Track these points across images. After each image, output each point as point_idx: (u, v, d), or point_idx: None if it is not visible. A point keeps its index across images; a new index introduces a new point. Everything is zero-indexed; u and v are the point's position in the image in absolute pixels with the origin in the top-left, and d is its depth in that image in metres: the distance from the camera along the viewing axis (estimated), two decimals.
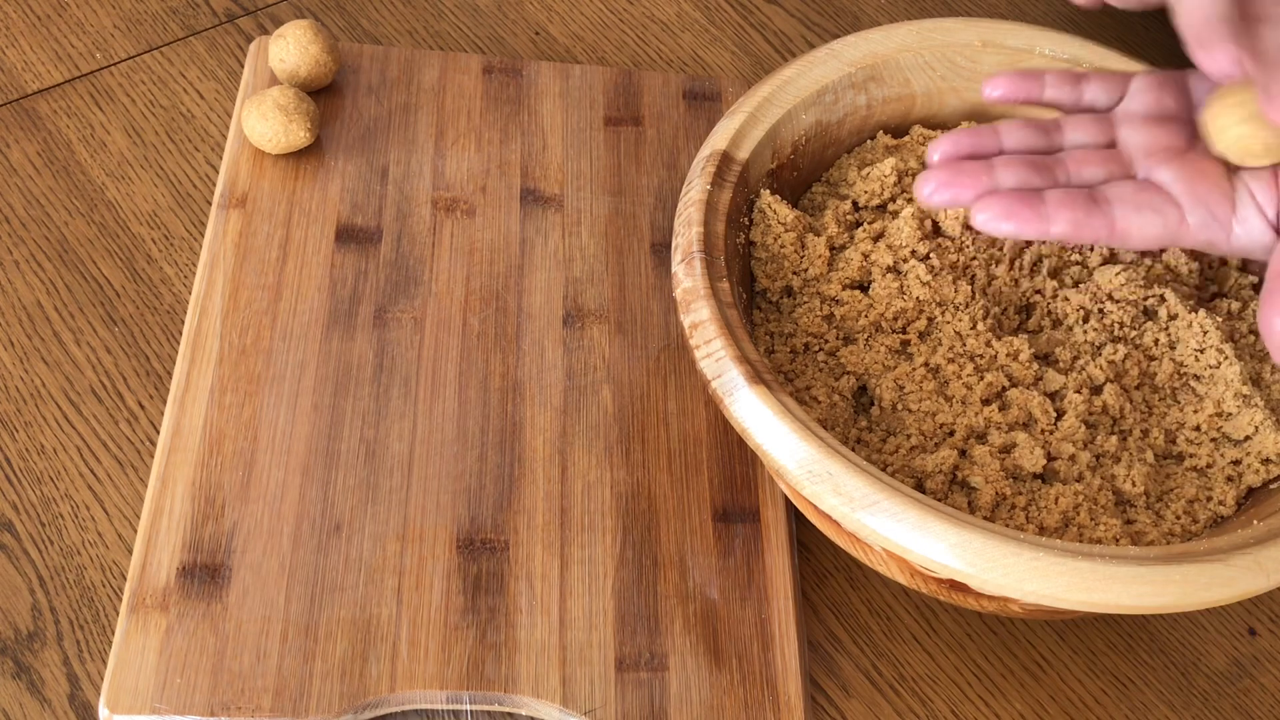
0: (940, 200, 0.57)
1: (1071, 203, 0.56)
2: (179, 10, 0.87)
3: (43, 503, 0.68)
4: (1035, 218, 0.55)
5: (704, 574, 0.66)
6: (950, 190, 0.57)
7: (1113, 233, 0.56)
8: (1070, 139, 0.60)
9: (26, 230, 0.76)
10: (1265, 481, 0.65)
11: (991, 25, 0.74)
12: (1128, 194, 0.56)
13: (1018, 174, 0.57)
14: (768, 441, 0.59)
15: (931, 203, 0.57)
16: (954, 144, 0.59)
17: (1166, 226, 0.56)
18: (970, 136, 0.59)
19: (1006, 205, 0.55)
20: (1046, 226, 0.55)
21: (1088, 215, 0.56)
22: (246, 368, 0.69)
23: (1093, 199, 0.56)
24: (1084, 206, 0.56)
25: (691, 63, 0.88)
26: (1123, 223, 0.56)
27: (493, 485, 0.67)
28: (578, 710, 0.61)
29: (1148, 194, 0.57)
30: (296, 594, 0.63)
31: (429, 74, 0.82)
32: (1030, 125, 0.60)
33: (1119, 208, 0.56)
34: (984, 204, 0.56)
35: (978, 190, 0.57)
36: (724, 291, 0.63)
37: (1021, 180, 0.57)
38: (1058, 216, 0.55)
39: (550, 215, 0.77)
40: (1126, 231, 0.56)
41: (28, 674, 0.63)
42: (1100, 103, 0.61)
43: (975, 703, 0.66)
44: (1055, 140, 0.60)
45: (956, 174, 0.57)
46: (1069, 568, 0.56)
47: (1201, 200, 0.56)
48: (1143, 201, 0.56)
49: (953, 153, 0.59)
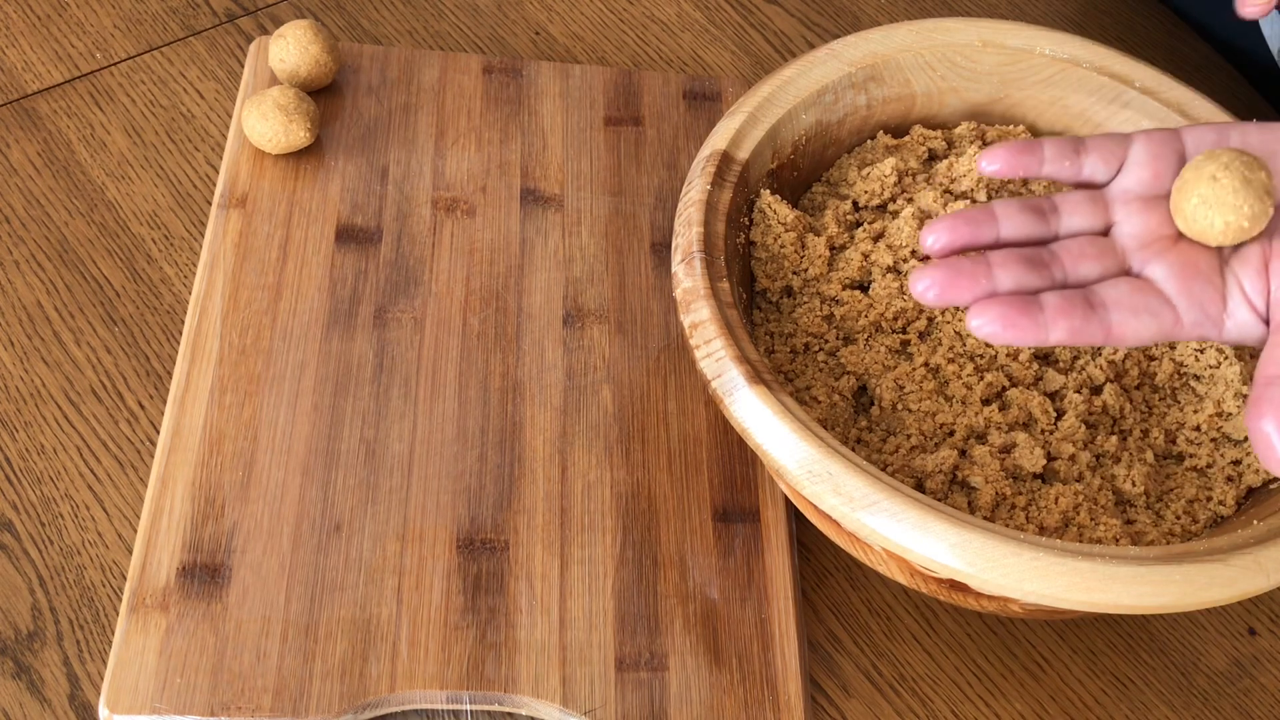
0: (935, 302, 0.57)
1: (1069, 310, 0.56)
2: (179, 10, 0.87)
3: (43, 503, 0.68)
4: (1033, 326, 0.55)
5: (704, 574, 0.66)
6: (947, 293, 0.57)
7: (1109, 336, 0.56)
8: (1066, 224, 0.59)
9: (26, 230, 0.76)
10: (1265, 481, 0.65)
11: (991, 25, 0.74)
12: (1124, 297, 0.56)
13: (1015, 275, 0.57)
14: (768, 441, 0.59)
15: (926, 302, 0.57)
16: (951, 233, 0.58)
17: (1161, 327, 0.57)
18: (967, 225, 0.58)
19: (1004, 313, 0.55)
20: (1045, 335, 0.55)
21: (1085, 322, 0.56)
22: (246, 368, 0.69)
23: (1089, 304, 0.56)
24: (1081, 313, 0.56)
25: (691, 63, 0.88)
26: (1119, 328, 0.56)
27: (493, 485, 0.67)
28: (578, 710, 0.61)
29: (1143, 296, 0.57)
30: (296, 594, 0.63)
31: (429, 74, 0.82)
32: (1027, 209, 0.59)
33: (1115, 313, 0.56)
34: (981, 310, 0.55)
35: (975, 293, 0.56)
36: (724, 291, 0.63)
37: (1018, 281, 0.57)
38: (1055, 325, 0.55)
39: (550, 215, 0.77)
40: (1123, 335, 0.56)
41: (28, 674, 0.63)
42: (1099, 176, 0.60)
43: (975, 703, 0.66)
44: (1051, 226, 0.59)
45: (954, 275, 0.57)
46: (1069, 568, 0.56)
47: (1196, 299, 0.57)
48: (1139, 305, 0.56)
49: (950, 243, 0.58)
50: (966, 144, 0.74)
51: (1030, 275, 0.57)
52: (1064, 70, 0.74)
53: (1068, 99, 0.74)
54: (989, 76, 0.74)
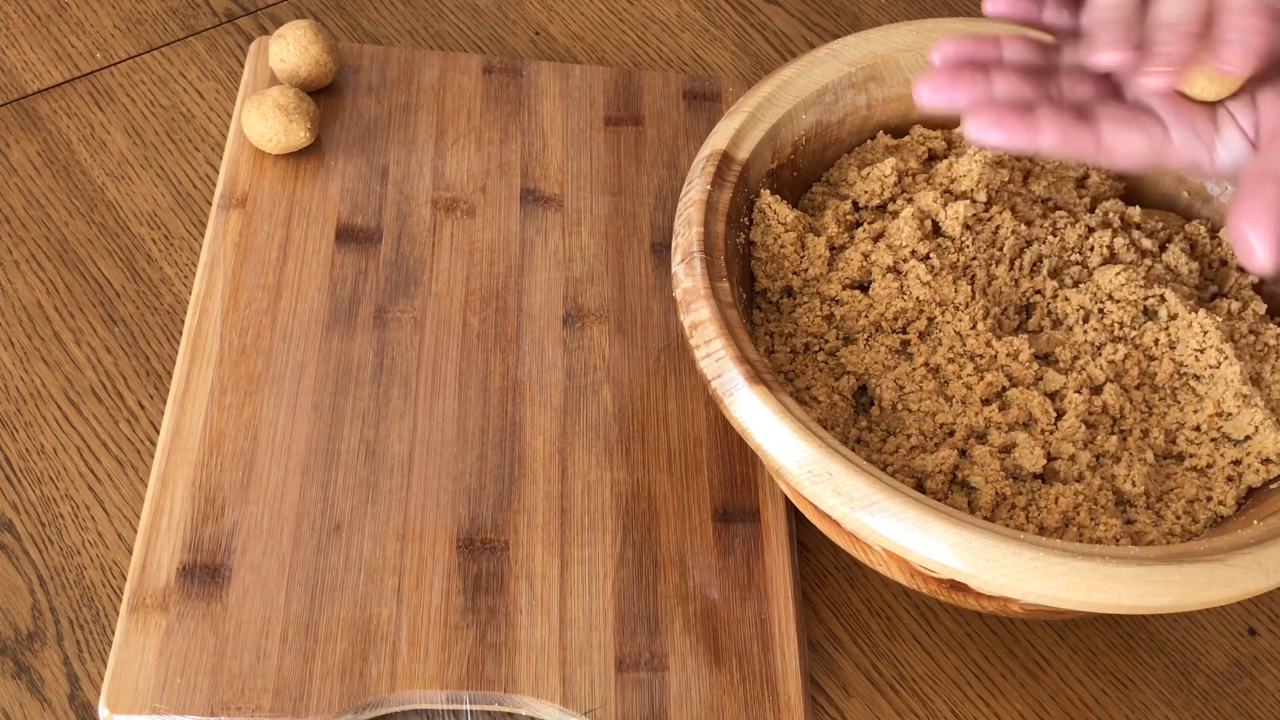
0: (936, 102, 0.58)
1: (1060, 116, 0.57)
2: (179, 10, 0.87)
3: (43, 503, 0.68)
4: (1024, 128, 0.57)
5: (704, 574, 0.66)
6: (947, 93, 0.58)
7: (1099, 147, 0.57)
8: (1067, 59, 0.61)
9: (26, 230, 0.76)
10: (1265, 481, 0.65)
11: (991, 25, 0.74)
12: (1114, 111, 0.58)
13: (1013, 85, 0.59)
14: (768, 441, 0.59)
15: (928, 103, 0.59)
16: (956, 48, 0.60)
17: (1151, 144, 0.58)
18: (972, 43, 0.60)
19: (997, 115, 0.57)
20: (1035, 137, 0.57)
21: (1076, 129, 0.57)
22: (246, 368, 0.69)
23: (1081, 115, 0.58)
24: (1072, 120, 0.57)
25: (691, 63, 0.88)
26: (1109, 138, 0.57)
27: (493, 485, 0.67)
28: (578, 710, 0.61)
29: (1134, 113, 0.58)
30: (296, 594, 0.63)
31: (429, 74, 0.82)
32: (1030, 42, 0.61)
33: (1106, 123, 0.57)
34: (975, 112, 0.57)
35: (973, 96, 0.58)
36: (724, 291, 0.63)
37: (1015, 91, 0.58)
38: (1047, 128, 0.57)
39: (550, 215, 0.77)
40: (1113, 147, 0.57)
41: (28, 674, 0.63)
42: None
43: (975, 703, 0.66)
44: (1052, 59, 0.61)
45: (955, 79, 0.58)
46: (1069, 568, 0.56)
47: (1185, 119, 0.58)
48: (1129, 119, 0.58)
49: (954, 56, 0.60)
50: (966, 144, 0.74)
51: (1027, 87, 0.58)
52: None
53: None
54: None
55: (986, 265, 0.69)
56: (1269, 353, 0.69)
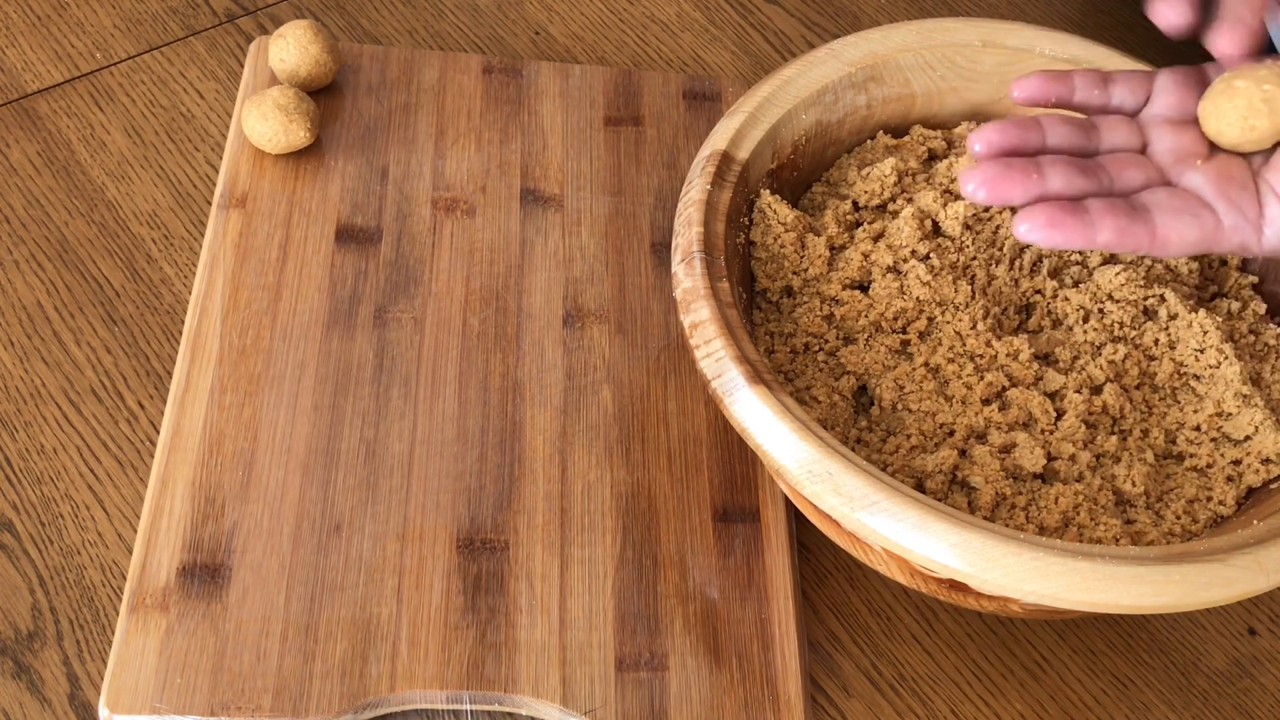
0: (985, 200, 0.56)
1: (1114, 212, 0.56)
2: (179, 10, 0.87)
3: (43, 503, 0.68)
4: (1080, 227, 0.55)
5: (704, 574, 0.66)
6: (997, 190, 0.56)
7: (1154, 240, 0.56)
8: (1107, 140, 0.60)
9: (26, 230, 0.76)
10: (1265, 481, 0.65)
11: (991, 25, 0.74)
12: (1165, 200, 0.57)
13: (1064, 176, 0.57)
14: (768, 441, 0.59)
15: (975, 200, 0.57)
16: (1001, 136, 0.58)
17: (1204, 231, 0.57)
18: (1016, 130, 0.58)
19: (1051, 216, 0.55)
20: (1093, 236, 0.55)
21: (1130, 223, 0.56)
22: (246, 368, 0.69)
23: (1134, 208, 0.56)
24: (1126, 214, 0.56)
25: (691, 63, 0.88)
26: (1164, 230, 0.56)
27: (493, 485, 0.67)
28: (578, 710, 0.61)
29: (1184, 200, 0.57)
30: (296, 594, 0.63)
31: (429, 74, 0.82)
32: (1071, 122, 0.60)
33: (1159, 215, 0.56)
34: (1028, 215, 0.55)
35: (1026, 191, 0.56)
36: (724, 291, 0.63)
37: (1068, 183, 0.57)
38: (1102, 225, 0.55)
39: (550, 215, 0.77)
40: (1167, 239, 0.56)
41: (28, 674, 0.63)
42: (1128, 105, 0.62)
43: (975, 703, 0.66)
44: (1094, 141, 0.60)
45: (1005, 171, 0.56)
46: (1069, 568, 0.56)
47: (1234, 204, 0.57)
48: (1180, 208, 0.57)
49: (998, 145, 0.58)
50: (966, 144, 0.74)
51: (1079, 178, 0.57)
52: None
53: None
54: (989, 76, 0.74)
55: (986, 265, 0.69)
56: (1269, 353, 0.69)
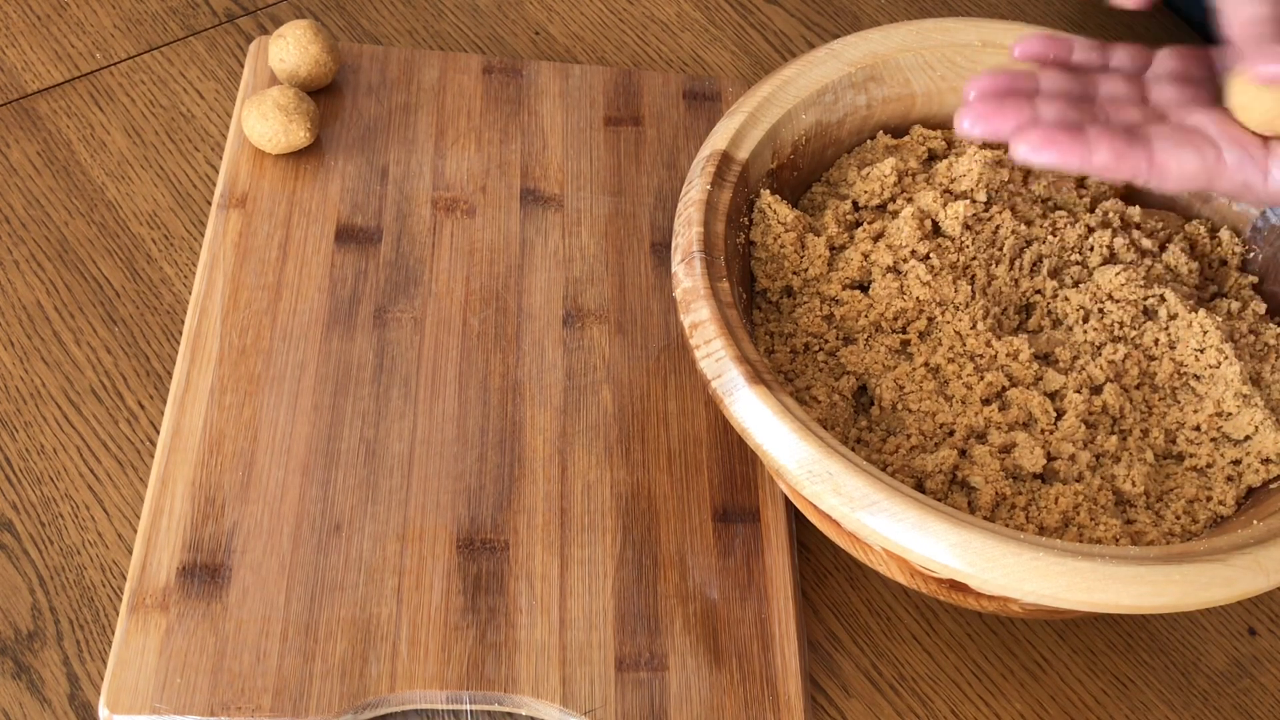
0: (979, 132, 0.56)
1: (1112, 135, 0.56)
2: (179, 10, 0.87)
3: (43, 503, 0.68)
4: (1076, 146, 0.55)
5: (704, 574, 0.66)
6: (990, 122, 0.56)
7: (1152, 166, 0.56)
8: (1105, 89, 0.60)
9: (26, 230, 0.76)
10: (1265, 481, 0.65)
11: (991, 25, 0.74)
12: (1166, 132, 0.57)
13: (1058, 109, 0.57)
14: (768, 441, 0.59)
15: (970, 135, 0.57)
16: (992, 81, 0.58)
17: (1204, 163, 0.56)
18: (1010, 76, 0.59)
19: (1047, 134, 0.55)
20: (1088, 155, 0.55)
21: (1129, 147, 0.56)
22: (246, 368, 0.69)
23: (1133, 134, 0.56)
24: (1124, 139, 0.56)
25: (691, 63, 0.88)
26: (1161, 156, 0.56)
27: (493, 485, 0.67)
28: (578, 710, 0.61)
29: (1186, 133, 0.57)
30: (296, 594, 0.63)
31: (429, 74, 0.82)
32: (1067, 73, 0.60)
33: (1159, 143, 0.56)
34: (1024, 134, 0.55)
35: (1018, 121, 0.56)
36: (724, 291, 0.63)
37: (1061, 113, 0.57)
38: (1099, 146, 0.55)
39: (550, 215, 0.77)
40: (1165, 166, 0.56)
41: (28, 674, 0.63)
42: (1127, 68, 0.61)
43: (975, 703, 0.66)
44: (1090, 89, 0.60)
45: (997, 107, 0.56)
46: (1069, 568, 0.56)
47: (1237, 140, 0.57)
48: (1181, 139, 0.56)
49: (990, 88, 0.58)
50: (966, 144, 0.74)
51: (1073, 112, 0.57)
52: None
53: None
54: None
55: (986, 265, 0.69)
56: (1269, 353, 0.69)
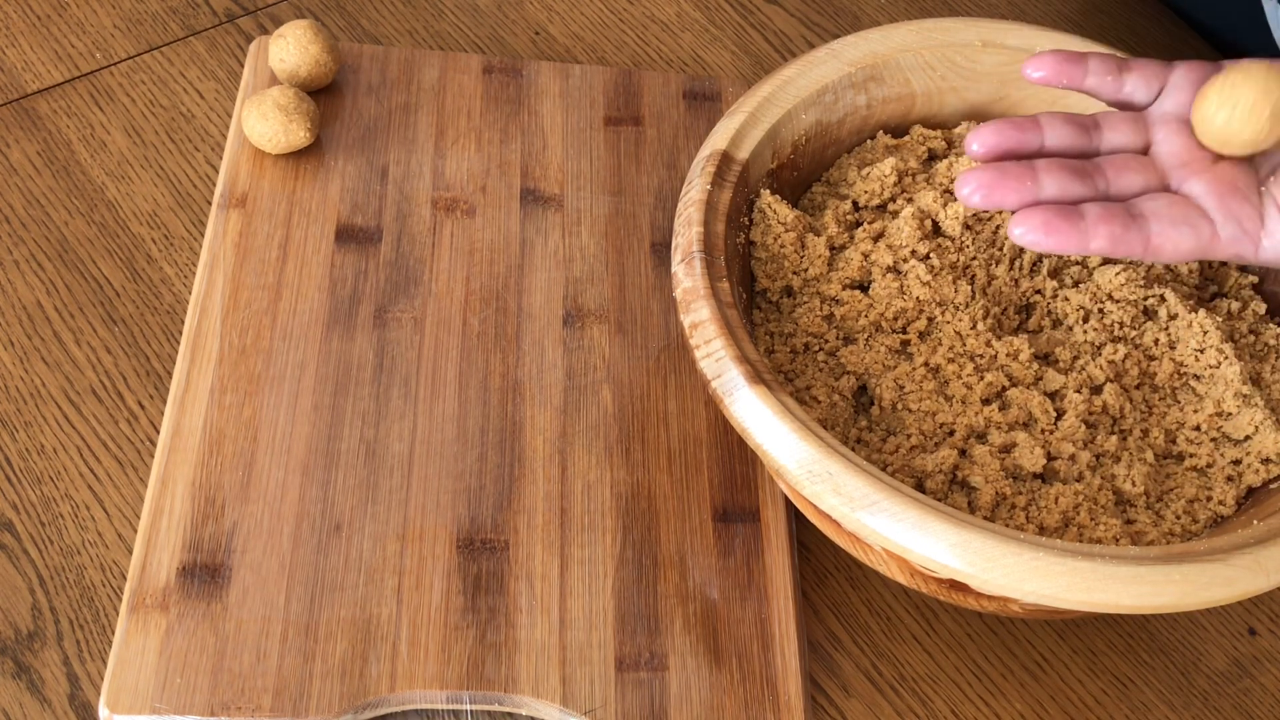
0: (980, 204, 0.57)
1: (1110, 219, 0.56)
2: (179, 10, 0.87)
3: (43, 503, 0.68)
4: (1075, 233, 0.56)
5: (704, 574, 0.66)
6: (992, 196, 0.57)
7: (1148, 248, 0.56)
8: (1108, 140, 0.60)
9: (26, 230, 0.76)
10: (1265, 481, 0.65)
11: (991, 25, 0.74)
12: (1163, 209, 0.57)
13: (1060, 181, 0.57)
14: (768, 441, 0.59)
15: (971, 204, 0.57)
16: (997, 137, 0.58)
17: (1199, 240, 0.57)
18: (1013, 130, 0.59)
19: (1046, 220, 0.55)
20: (1086, 242, 0.56)
21: (1125, 231, 0.56)
22: (246, 368, 0.69)
23: (1129, 214, 0.57)
24: (1121, 222, 0.56)
25: (691, 63, 0.88)
26: (1158, 238, 0.56)
27: (493, 485, 0.67)
28: (578, 710, 0.61)
29: (1181, 209, 0.57)
30: (296, 594, 0.63)
31: (429, 74, 0.82)
32: (1071, 122, 0.60)
33: (1155, 223, 0.57)
34: (1024, 219, 0.56)
35: (1021, 196, 0.56)
36: (724, 291, 0.63)
37: (1063, 188, 0.57)
38: (1096, 233, 0.56)
39: (550, 215, 0.77)
40: (1160, 247, 0.57)
41: (28, 674, 0.63)
42: (1139, 97, 0.61)
43: (975, 703, 0.66)
44: (1094, 141, 0.60)
45: (1000, 176, 0.57)
46: (1069, 568, 0.56)
47: (1232, 214, 0.57)
48: (1177, 216, 0.57)
49: (995, 146, 0.58)
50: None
51: (1074, 184, 0.57)
52: None
53: (1068, 99, 0.74)
54: (989, 76, 0.74)
55: (986, 265, 0.69)
56: (1269, 353, 0.69)
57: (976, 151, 0.59)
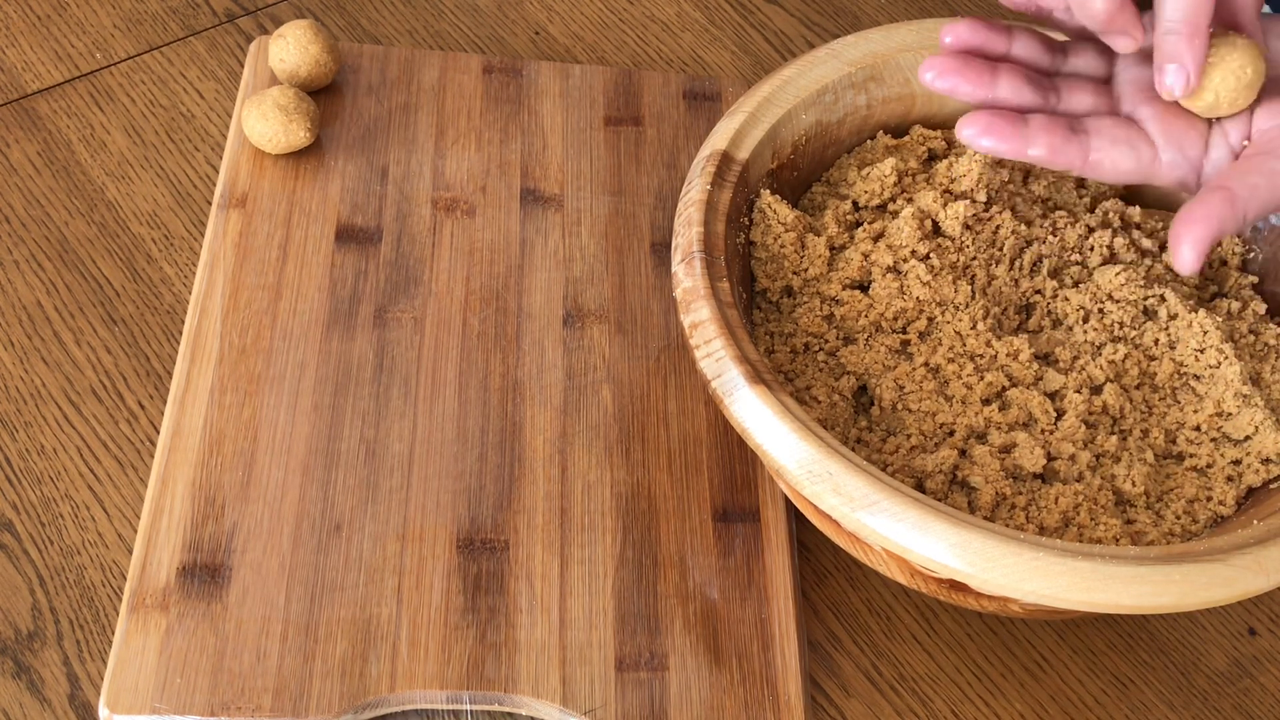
0: (939, 86, 0.59)
1: (1051, 129, 0.58)
2: (179, 10, 0.87)
3: (43, 503, 0.68)
4: (1016, 137, 0.58)
5: (704, 574, 0.66)
6: (952, 80, 0.59)
7: (1085, 163, 0.58)
8: (1072, 64, 0.62)
9: (26, 230, 0.76)
10: (1265, 481, 0.65)
11: None
12: (1106, 128, 0.59)
13: (1015, 87, 0.59)
14: (768, 441, 0.59)
15: (931, 85, 0.59)
16: (970, 33, 0.60)
17: (1139, 163, 0.59)
18: (986, 30, 0.61)
19: (990, 122, 0.58)
20: (1024, 147, 0.58)
21: (1065, 142, 0.58)
22: (246, 368, 0.69)
23: (1072, 128, 0.58)
24: (1063, 134, 0.58)
25: (691, 63, 0.88)
26: (1096, 154, 0.58)
27: (493, 485, 0.67)
28: (578, 710, 0.61)
29: (1125, 130, 0.59)
30: (296, 594, 0.63)
31: (429, 74, 0.82)
32: (1041, 40, 0.62)
33: (1096, 139, 0.58)
34: (971, 119, 0.58)
35: (975, 89, 0.59)
36: (724, 291, 0.63)
37: (1017, 94, 0.59)
38: (1037, 140, 0.58)
39: (550, 215, 0.77)
40: (1099, 163, 0.58)
41: (28, 674, 0.63)
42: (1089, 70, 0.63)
43: (975, 703, 0.66)
44: (1057, 63, 0.62)
45: (962, 66, 0.59)
46: (1069, 568, 0.56)
47: (1175, 140, 0.59)
48: (1119, 136, 0.58)
49: (965, 41, 0.60)
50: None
51: (1027, 92, 0.59)
52: None
53: None
54: None
55: (986, 265, 0.69)
56: (1269, 353, 0.69)
57: (948, 43, 0.61)
